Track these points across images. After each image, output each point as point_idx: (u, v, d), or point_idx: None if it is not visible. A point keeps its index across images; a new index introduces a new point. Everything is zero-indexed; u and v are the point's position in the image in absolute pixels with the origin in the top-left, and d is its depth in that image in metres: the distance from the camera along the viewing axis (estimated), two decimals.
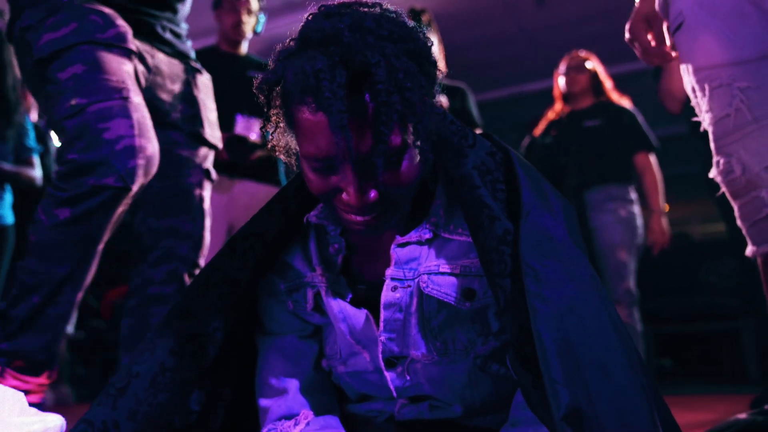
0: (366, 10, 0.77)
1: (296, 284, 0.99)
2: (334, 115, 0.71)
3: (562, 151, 3.01)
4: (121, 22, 1.32)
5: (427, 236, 0.90)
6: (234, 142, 2.40)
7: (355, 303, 0.95)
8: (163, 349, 0.96)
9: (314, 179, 0.80)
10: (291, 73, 0.76)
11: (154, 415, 0.94)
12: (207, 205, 1.61)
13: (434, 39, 2.88)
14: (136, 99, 1.28)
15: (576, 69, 3.02)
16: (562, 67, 3.07)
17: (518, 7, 4.37)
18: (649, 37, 1.33)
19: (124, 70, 1.29)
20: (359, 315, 0.93)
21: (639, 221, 2.94)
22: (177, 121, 1.51)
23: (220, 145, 1.63)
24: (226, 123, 2.51)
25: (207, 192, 1.61)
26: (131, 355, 0.98)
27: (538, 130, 3.14)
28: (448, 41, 3.11)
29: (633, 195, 2.95)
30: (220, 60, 2.61)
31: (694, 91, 1.24)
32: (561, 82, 3.07)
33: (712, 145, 1.21)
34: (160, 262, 1.51)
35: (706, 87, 1.18)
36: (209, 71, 2.57)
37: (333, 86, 0.70)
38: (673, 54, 1.32)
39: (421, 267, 0.90)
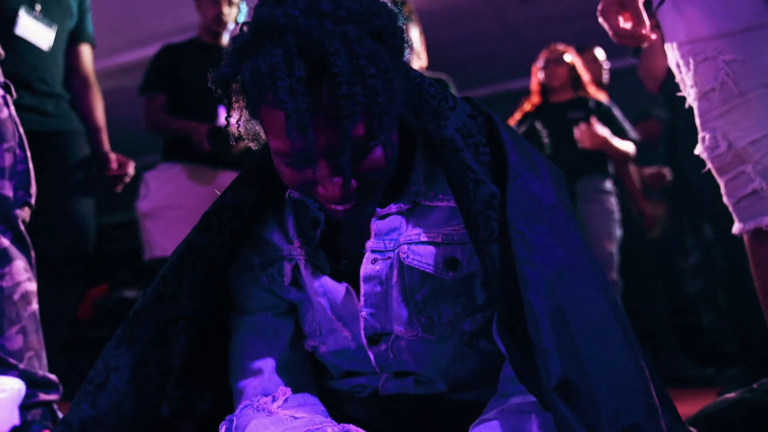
0: None
1: (271, 258, 0.95)
2: (293, 116, 0.67)
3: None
4: None
5: (408, 206, 0.87)
6: (216, 133, 2.37)
7: (336, 278, 0.91)
8: (142, 338, 0.92)
9: (287, 173, 0.78)
10: (247, 70, 0.72)
11: (140, 407, 0.90)
12: None
13: (415, 32, 2.86)
14: None
15: (555, 62, 3.03)
16: (541, 60, 3.08)
17: (502, 4, 4.38)
18: (622, 19, 1.29)
19: None
20: (340, 288, 0.90)
21: (617, 214, 2.96)
22: None
23: None
24: (209, 114, 2.48)
25: None
26: (107, 348, 0.93)
27: (513, 121, 3.14)
28: (432, 38, 3.09)
29: (612, 187, 2.98)
30: (202, 51, 2.58)
31: (678, 66, 1.22)
32: (540, 75, 3.08)
33: (697, 121, 1.20)
34: None
35: (691, 61, 1.17)
36: (191, 63, 2.57)
37: (291, 82, 0.67)
38: (652, 36, 1.28)
39: (402, 237, 0.87)
